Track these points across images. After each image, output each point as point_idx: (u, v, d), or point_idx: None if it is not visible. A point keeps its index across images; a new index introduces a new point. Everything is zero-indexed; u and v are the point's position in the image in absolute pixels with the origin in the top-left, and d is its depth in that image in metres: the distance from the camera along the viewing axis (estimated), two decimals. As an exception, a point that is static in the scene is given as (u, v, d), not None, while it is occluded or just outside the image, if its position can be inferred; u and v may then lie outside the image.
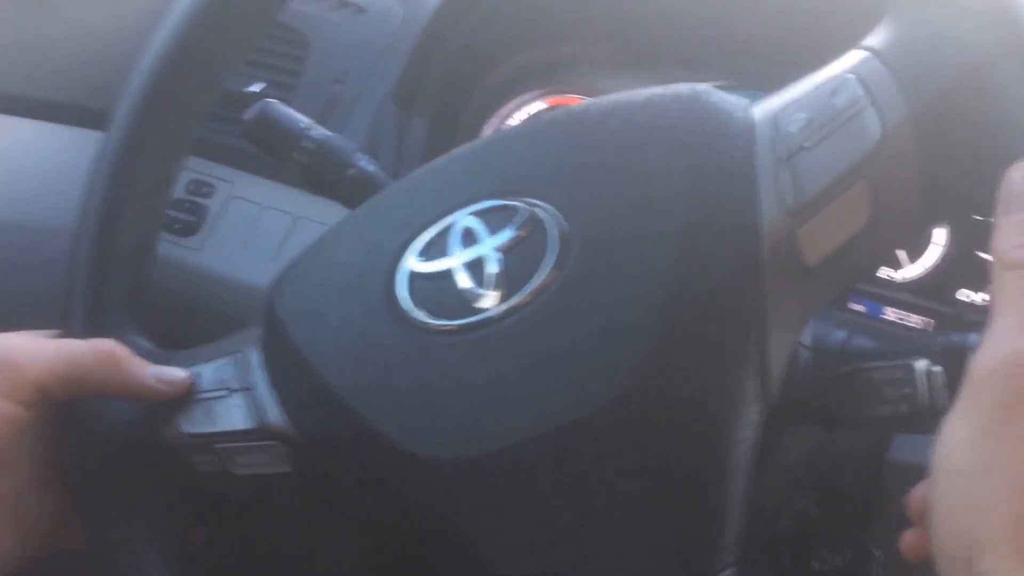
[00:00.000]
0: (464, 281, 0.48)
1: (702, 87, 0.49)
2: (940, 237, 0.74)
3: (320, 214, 0.82)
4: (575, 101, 0.88)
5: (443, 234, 0.50)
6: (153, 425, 0.54)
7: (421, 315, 0.48)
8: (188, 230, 0.88)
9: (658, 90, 0.50)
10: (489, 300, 0.47)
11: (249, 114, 0.66)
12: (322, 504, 0.74)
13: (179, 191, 0.88)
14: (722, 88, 0.49)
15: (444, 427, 0.46)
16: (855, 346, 0.55)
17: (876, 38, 0.47)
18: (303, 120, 0.67)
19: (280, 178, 0.87)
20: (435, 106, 0.86)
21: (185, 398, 0.53)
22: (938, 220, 0.53)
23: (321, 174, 0.66)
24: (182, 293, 0.86)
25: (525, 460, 0.45)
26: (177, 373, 0.53)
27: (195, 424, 0.53)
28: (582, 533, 0.45)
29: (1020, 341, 0.36)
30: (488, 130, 0.90)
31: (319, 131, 0.67)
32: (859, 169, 0.44)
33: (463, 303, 0.48)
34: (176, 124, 0.59)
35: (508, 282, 0.47)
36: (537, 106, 0.89)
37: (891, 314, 0.75)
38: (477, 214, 0.49)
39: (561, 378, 0.45)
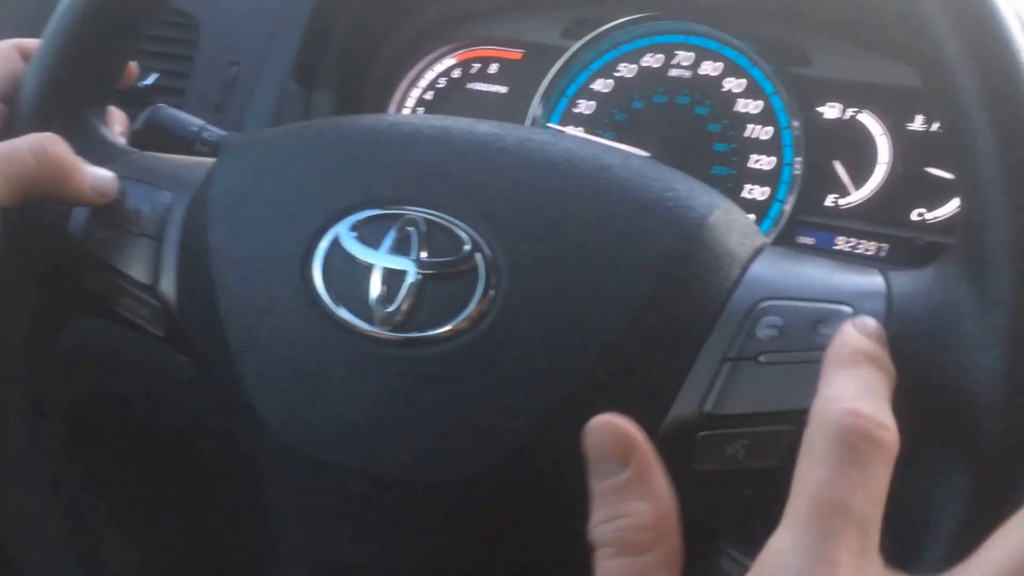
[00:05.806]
0: (376, 286, 0.44)
1: (723, 213, 0.44)
2: (884, 155, 0.71)
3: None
4: (489, 53, 0.83)
5: (387, 221, 0.45)
6: (67, 215, 0.53)
7: (329, 295, 0.44)
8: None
9: (681, 188, 0.45)
10: (391, 319, 0.43)
11: (137, 124, 0.63)
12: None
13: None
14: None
15: (305, 418, 0.44)
16: None
17: (909, 282, 0.41)
18: (194, 122, 0.64)
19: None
20: (337, 76, 0.81)
21: (105, 208, 0.53)
22: None
23: None
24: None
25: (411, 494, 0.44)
26: (110, 183, 0.53)
27: (99, 246, 0.52)
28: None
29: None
30: (398, 95, 0.85)
31: (212, 132, 0.64)
32: (789, 416, 0.40)
33: (366, 304, 0.44)
34: None
35: (420, 311, 0.43)
36: (448, 63, 0.85)
37: (842, 244, 0.71)
38: (428, 221, 0.44)
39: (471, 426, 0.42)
